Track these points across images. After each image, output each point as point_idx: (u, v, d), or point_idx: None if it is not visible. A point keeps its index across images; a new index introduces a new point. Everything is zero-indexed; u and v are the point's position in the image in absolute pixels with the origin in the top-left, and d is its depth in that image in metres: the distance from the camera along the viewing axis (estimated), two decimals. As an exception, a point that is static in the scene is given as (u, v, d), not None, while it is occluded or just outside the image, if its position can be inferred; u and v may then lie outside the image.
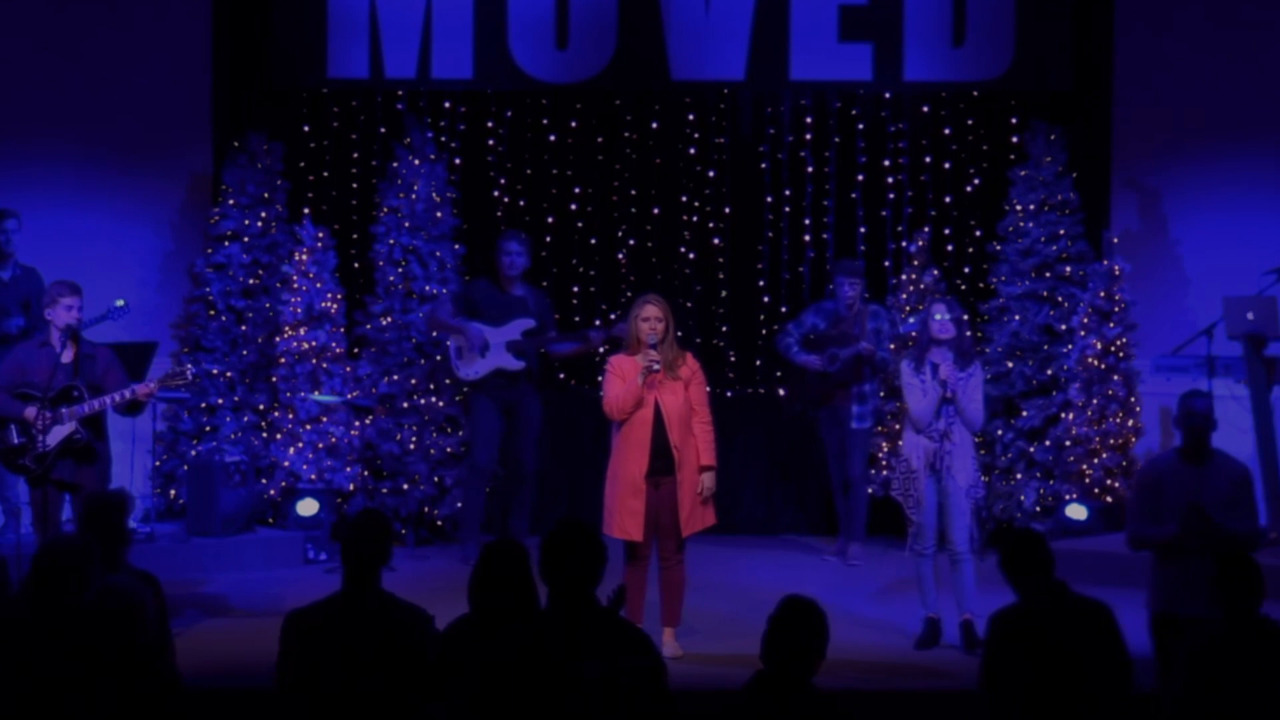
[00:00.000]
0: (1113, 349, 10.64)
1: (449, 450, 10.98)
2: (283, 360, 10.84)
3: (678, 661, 7.89)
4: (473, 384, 10.51)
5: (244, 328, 11.07)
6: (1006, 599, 6.06)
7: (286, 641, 5.62)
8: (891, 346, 10.70)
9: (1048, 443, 10.83)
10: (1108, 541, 10.24)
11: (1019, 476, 10.84)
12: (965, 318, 8.51)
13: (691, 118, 11.67)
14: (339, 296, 10.99)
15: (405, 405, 10.95)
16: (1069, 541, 10.11)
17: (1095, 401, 10.61)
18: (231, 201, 11.10)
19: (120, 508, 6.78)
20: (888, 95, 11.56)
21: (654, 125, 11.68)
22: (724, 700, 5.07)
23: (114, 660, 5.13)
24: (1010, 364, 10.90)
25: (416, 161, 11.19)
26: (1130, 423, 10.67)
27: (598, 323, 11.32)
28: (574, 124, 11.68)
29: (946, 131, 11.57)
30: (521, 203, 11.69)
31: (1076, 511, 10.47)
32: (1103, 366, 10.62)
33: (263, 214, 11.13)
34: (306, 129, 11.65)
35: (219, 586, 9.67)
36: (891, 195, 11.61)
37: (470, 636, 5.41)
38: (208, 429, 10.91)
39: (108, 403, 8.38)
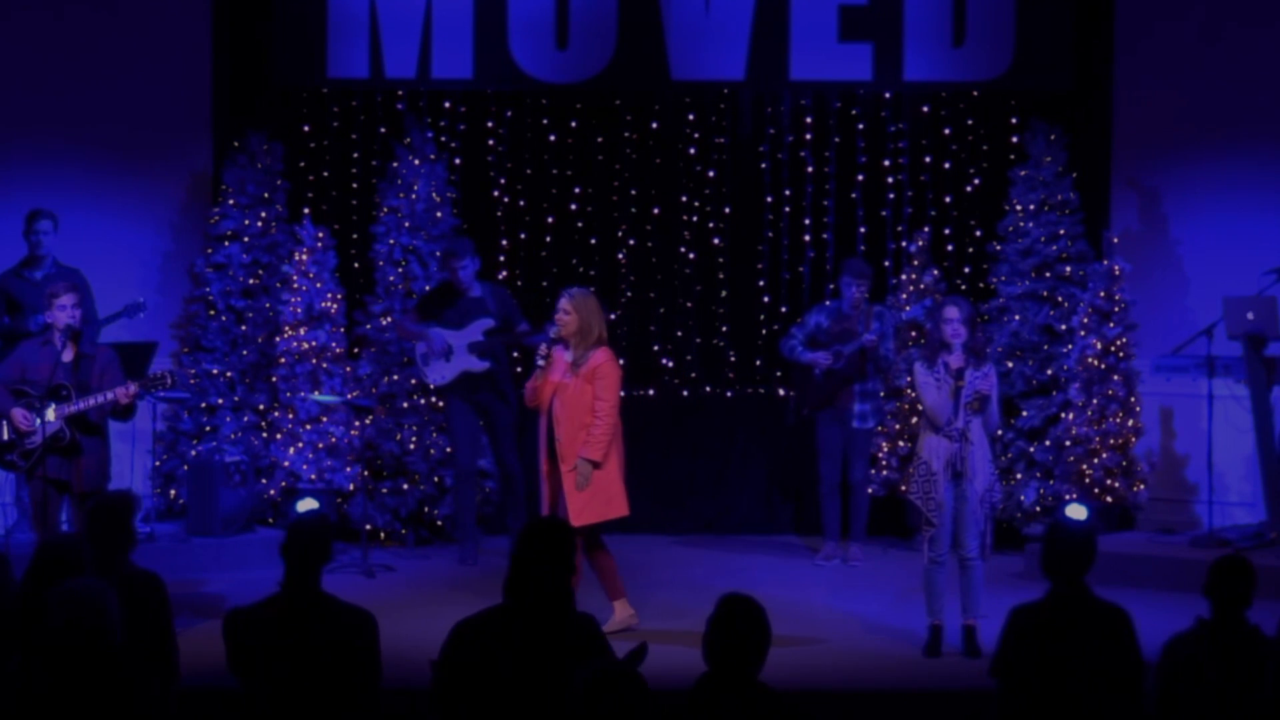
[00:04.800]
0: (1113, 349, 10.63)
1: (449, 450, 10.98)
2: (283, 360, 10.84)
3: (632, 635, 8.01)
4: (441, 389, 10.51)
5: (244, 328, 11.07)
6: (1011, 602, 6.05)
7: (231, 640, 5.62)
8: (893, 345, 10.70)
9: (1048, 443, 10.83)
10: (1107, 541, 10.21)
11: (1019, 476, 10.84)
12: (976, 318, 8.34)
13: (691, 118, 11.67)
14: (339, 296, 10.99)
15: (405, 405, 10.95)
16: (1069, 541, 10.10)
17: (1095, 401, 10.61)
18: (231, 201, 11.10)
19: (125, 509, 6.78)
20: (888, 95, 11.56)
21: (654, 125, 11.68)
22: (670, 702, 5.03)
23: (73, 662, 5.10)
24: (1010, 364, 10.90)
25: (416, 161, 11.19)
26: (1130, 423, 10.67)
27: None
28: (574, 124, 11.67)
29: (946, 131, 11.57)
30: (521, 203, 11.69)
31: (1076, 511, 10.44)
32: (1103, 366, 10.62)
33: (263, 214, 11.12)
34: (306, 129, 11.65)
35: (219, 586, 9.66)
36: (891, 195, 11.60)
37: (476, 637, 5.38)
38: (208, 429, 10.91)
39: (90, 404, 8.38)
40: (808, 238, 11.65)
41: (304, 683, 5.51)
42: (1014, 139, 11.43)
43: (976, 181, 11.57)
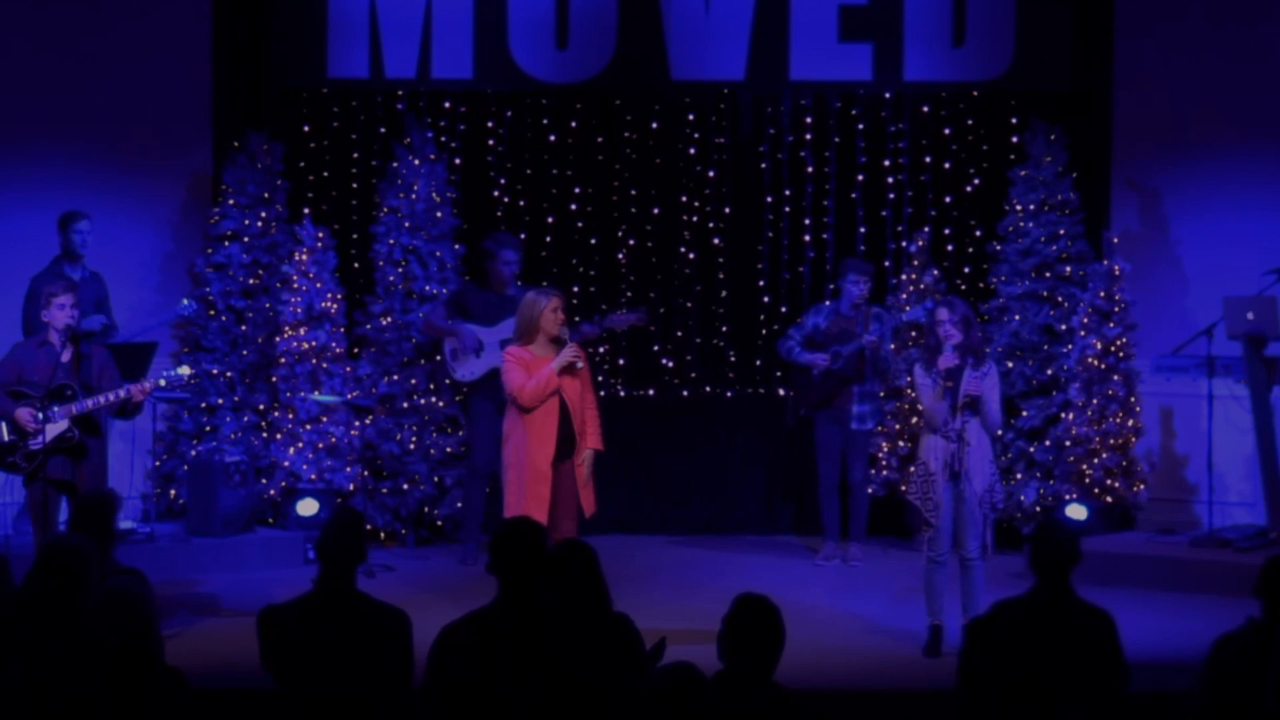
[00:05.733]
0: (1113, 349, 10.64)
1: (449, 450, 10.98)
2: (283, 360, 10.84)
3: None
4: (470, 385, 10.53)
5: (244, 328, 11.06)
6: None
7: (265, 637, 5.62)
8: (892, 347, 10.71)
9: (1048, 443, 10.83)
10: (1108, 542, 10.25)
11: (1019, 476, 10.84)
12: (972, 317, 8.32)
13: (691, 118, 11.67)
14: (339, 296, 10.99)
15: (405, 405, 10.95)
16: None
17: (1095, 401, 10.61)
18: (231, 201, 11.10)
19: (109, 507, 6.79)
20: (888, 95, 11.56)
21: (654, 125, 11.68)
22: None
23: (121, 662, 5.12)
24: (1010, 364, 10.90)
25: (416, 161, 11.19)
26: (1130, 423, 10.67)
27: (595, 317, 11.32)
28: (574, 124, 11.67)
29: (946, 131, 11.57)
30: (521, 203, 11.69)
31: (1076, 511, 10.47)
32: (1103, 366, 10.62)
33: (263, 214, 11.12)
34: (306, 129, 11.65)
35: (219, 586, 9.67)
36: (891, 195, 11.60)
37: (466, 639, 5.39)
38: (208, 429, 10.91)
39: (101, 402, 8.38)
40: (808, 238, 11.65)
41: (338, 680, 5.51)
42: (1014, 139, 11.43)
43: (976, 181, 11.57)
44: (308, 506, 10.57)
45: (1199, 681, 5.70)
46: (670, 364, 11.75)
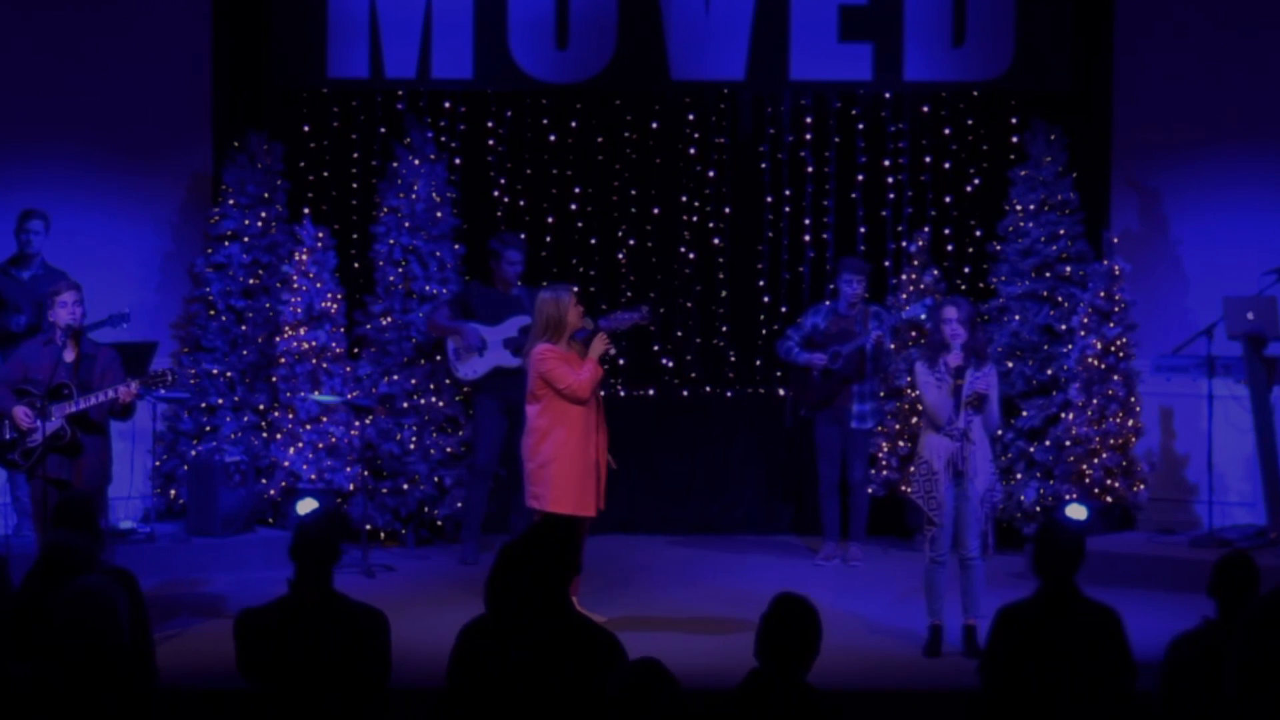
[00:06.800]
0: (1113, 349, 10.64)
1: (449, 450, 10.98)
2: (283, 360, 10.84)
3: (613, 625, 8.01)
4: (473, 384, 10.54)
5: (244, 328, 11.07)
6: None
7: (242, 641, 5.61)
8: (892, 346, 10.71)
9: (1048, 443, 10.83)
10: (1108, 542, 10.24)
11: (1019, 476, 10.84)
12: (976, 318, 8.36)
13: (691, 118, 11.67)
14: (339, 296, 10.99)
15: (405, 405, 10.95)
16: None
17: (1095, 401, 10.61)
18: (231, 201, 11.10)
19: (90, 506, 6.80)
20: (888, 95, 11.56)
21: (654, 125, 11.68)
22: (717, 699, 5.07)
23: (83, 661, 5.11)
24: (1010, 364, 10.90)
25: (416, 161, 11.19)
26: (1130, 423, 10.67)
27: (604, 306, 11.33)
28: (574, 124, 11.68)
29: (946, 131, 11.57)
30: (521, 203, 11.69)
31: (1076, 511, 10.46)
32: (1103, 366, 10.62)
33: (263, 214, 11.13)
34: (306, 129, 11.65)
35: (219, 586, 9.67)
36: (891, 195, 11.61)
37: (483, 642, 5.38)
38: (208, 429, 10.91)
39: (93, 402, 8.38)
40: (808, 238, 11.65)
41: (316, 683, 5.51)
42: (1014, 139, 11.43)
43: (976, 181, 11.57)
44: (307, 506, 10.55)
45: (1157, 682, 5.70)
46: (670, 364, 11.76)
